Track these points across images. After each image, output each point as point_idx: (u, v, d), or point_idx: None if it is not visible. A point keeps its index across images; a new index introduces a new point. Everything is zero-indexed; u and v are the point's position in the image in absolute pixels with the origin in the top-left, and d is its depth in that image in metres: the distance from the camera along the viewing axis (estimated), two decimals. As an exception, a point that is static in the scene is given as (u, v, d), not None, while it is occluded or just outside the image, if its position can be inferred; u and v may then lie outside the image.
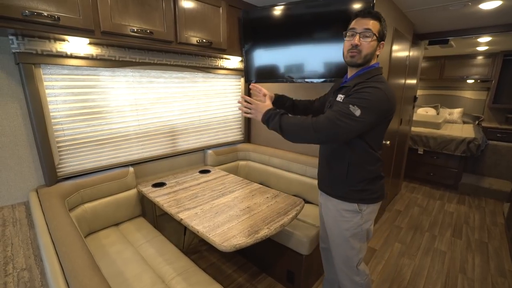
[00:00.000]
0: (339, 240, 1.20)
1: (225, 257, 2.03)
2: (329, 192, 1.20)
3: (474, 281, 1.88)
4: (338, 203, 1.16)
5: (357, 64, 1.05)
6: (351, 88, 1.02)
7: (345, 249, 1.20)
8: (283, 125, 1.00)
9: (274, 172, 2.16)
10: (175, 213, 1.33)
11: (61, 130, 1.42)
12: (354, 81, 1.05)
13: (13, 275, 0.87)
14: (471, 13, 2.17)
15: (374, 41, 1.00)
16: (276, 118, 1.02)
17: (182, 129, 1.99)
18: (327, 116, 0.97)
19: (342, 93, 1.07)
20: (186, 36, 1.58)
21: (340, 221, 1.17)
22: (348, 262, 1.22)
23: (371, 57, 1.03)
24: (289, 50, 1.81)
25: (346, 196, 1.14)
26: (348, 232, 1.16)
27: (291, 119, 1.01)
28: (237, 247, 1.06)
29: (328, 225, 1.25)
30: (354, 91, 0.99)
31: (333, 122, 0.94)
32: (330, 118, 0.95)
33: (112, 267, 1.26)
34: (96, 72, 1.49)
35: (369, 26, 0.99)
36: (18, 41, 1.17)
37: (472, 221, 2.75)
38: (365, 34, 0.99)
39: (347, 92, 1.04)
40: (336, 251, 1.25)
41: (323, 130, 0.94)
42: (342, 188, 1.14)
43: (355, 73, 1.08)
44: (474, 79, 4.37)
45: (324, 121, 0.95)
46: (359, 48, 1.01)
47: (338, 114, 0.94)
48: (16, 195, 1.36)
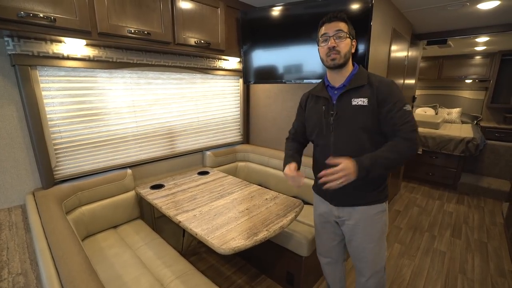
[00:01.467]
0: (370, 245, 1.17)
1: (224, 259, 2.02)
2: (359, 202, 1.14)
3: (474, 281, 1.88)
4: (368, 209, 1.13)
5: (339, 65, 1.06)
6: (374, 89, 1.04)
7: (376, 251, 1.18)
8: (387, 164, 0.99)
9: (274, 173, 2.16)
10: (173, 215, 1.32)
11: (58, 132, 1.40)
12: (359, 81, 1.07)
13: (8, 280, 0.86)
14: (469, 13, 2.17)
15: (347, 40, 1.05)
16: (376, 164, 0.98)
17: (181, 131, 1.98)
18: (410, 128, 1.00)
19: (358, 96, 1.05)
20: (184, 37, 1.57)
21: (371, 226, 1.15)
22: (380, 262, 1.21)
23: (349, 55, 1.07)
24: (287, 50, 1.81)
25: (378, 199, 1.13)
26: (379, 234, 1.16)
27: (387, 154, 0.99)
28: (236, 250, 1.05)
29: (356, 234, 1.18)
30: (387, 93, 1.02)
31: (416, 126, 1.02)
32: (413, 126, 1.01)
33: (110, 271, 1.25)
34: (93, 73, 1.48)
35: (340, 27, 1.04)
36: (14, 42, 1.16)
37: (471, 221, 2.75)
38: (338, 35, 1.04)
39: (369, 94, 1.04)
40: (365, 257, 1.20)
41: (417, 138, 1.01)
42: (373, 192, 1.12)
43: (350, 74, 1.10)
44: (472, 79, 4.38)
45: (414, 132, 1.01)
46: (337, 49, 1.04)
47: (411, 120, 1.01)
48: (12, 198, 1.34)
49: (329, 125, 1.12)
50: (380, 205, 1.14)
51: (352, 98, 1.06)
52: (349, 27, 1.06)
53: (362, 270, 1.24)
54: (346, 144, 1.10)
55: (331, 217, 1.24)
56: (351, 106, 1.06)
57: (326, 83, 1.16)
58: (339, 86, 1.11)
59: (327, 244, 1.34)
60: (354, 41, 1.08)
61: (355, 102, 1.06)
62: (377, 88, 1.03)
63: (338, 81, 1.11)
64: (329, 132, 1.12)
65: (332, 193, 1.12)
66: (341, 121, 1.09)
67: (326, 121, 1.13)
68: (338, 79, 1.11)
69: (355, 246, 1.21)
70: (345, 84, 1.10)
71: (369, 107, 1.04)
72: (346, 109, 1.08)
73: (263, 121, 2.36)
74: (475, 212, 2.93)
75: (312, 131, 1.21)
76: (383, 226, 1.17)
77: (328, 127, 1.12)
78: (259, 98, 2.35)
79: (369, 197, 1.13)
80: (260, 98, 2.34)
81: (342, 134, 1.10)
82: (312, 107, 1.22)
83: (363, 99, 1.04)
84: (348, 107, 1.07)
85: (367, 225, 1.15)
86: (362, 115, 1.05)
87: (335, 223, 1.26)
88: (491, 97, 4.13)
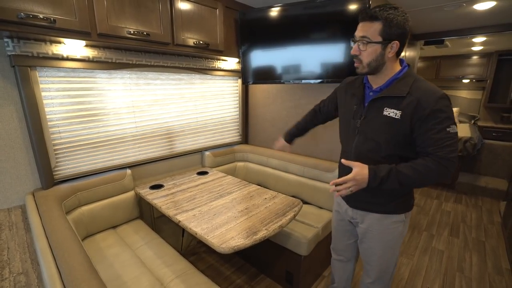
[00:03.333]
0: (380, 251, 1.15)
1: (224, 259, 2.03)
2: (374, 209, 1.10)
3: (472, 279, 1.89)
4: (382, 217, 1.09)
5: (362, 73, 1.00)
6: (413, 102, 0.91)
7: (386, 258, 1.16)
8: (404, 181, 0.93)
9: (272, 173, 2.17)
10: (173, 215, 1.33)
11: (58, 132, 1.41)
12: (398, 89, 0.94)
13: (9, 280, 0.86)
14: (466, 13, 2.19)
15: (374, 47, 0.93)
16: (391, 177, 0.93)
17: (180, 131, 1.98)
18: (448, 153, 0.90)
19: (391, 106, 0.95)
20: (183, 38, 1.58)
21: (384, 234, 1.11)
22: (388, 269, 1.19)
23: (377, 63, 0.95)
24: (286, 51, 1.82)
25: (395, 209, 1.08)
26: (392, 242, 1.12)
27: (409, 171, 0.92)
28: (236, 248, 1.06)
29: (368, 238, 1.16)
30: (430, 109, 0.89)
31: (455, 153, 0.91)
32: (452, 152, 0.90)
33: (110, 270, 1.25)
34: (93, 74, 1.49)
35: (365, 33, 0.93)
36: (14, 43, 1.16)
37: (469, 220, 2.77)
38: (362, 41, 0.93)
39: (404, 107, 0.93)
40: (374, 261, 1.18)
41: (454, 167, 0.92)
42: (390, 202, 1.07)
43: (392, 77, 0.98)
44: (469, 78, 4.41)
45: (452, 159, 0.90)
46: (359, 57, 0.96)
47: (452, 145, 0.90)
48: (12, 198, 1.35)
49: (355, 128, 1.07)
50: (396, 215, 1.08)
51: (385, 107, 0.97)
52: (383, 27, 0.89)
53: (369, 271, 1.23)
54: (366, 151, 1.05)
55: (346, 217, 1.24)
56: (381, 115, 0.97)
57: (364, 81, 1.08)
58: (376, 88, 1.02)
59: (341, 241, 1.35)
60: (395, 42, 0.91)
61: (386, 112, 0.96)
62: (418, 102, 0.90)
63: (376, 82, 1.02)
64: (354, 134, 1.08)
65: (348, 196, 1.09)
66: (366, 127, 1.03)
67: (353, 123, 1.08)
68: (376, 81, 1.02)
69: (365, 248, 1.20)
70: (382, 88, 1.00)
71: (400, 122, 0.93)
72: (376, 116, 1.00)
73: (262, 121, 2.37)
74: (473, 211, 2.95)
75: (341, 125, 1.21)
76: (397, 236, 1.11)
77: (354, 129, 1.08)
78: (258, 99, 2.36)
79: (385, 206, 1.08)
80: (259, 99, 2.35)
81: (365, 140, 1.04)
82: (345, 102, 1.17)
83: (396, 112, 0.94)
84: (378, 114, 0.99)
85: (379, 232, 1.12)
86: (390, 128, 0.96)
87: (349, 223, 1.25)
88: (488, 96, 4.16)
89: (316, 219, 1.75)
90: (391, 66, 0.97)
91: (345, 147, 1.17)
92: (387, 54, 0.93)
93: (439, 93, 0.90)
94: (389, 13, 0.89)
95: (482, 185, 3.33)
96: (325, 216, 1.79)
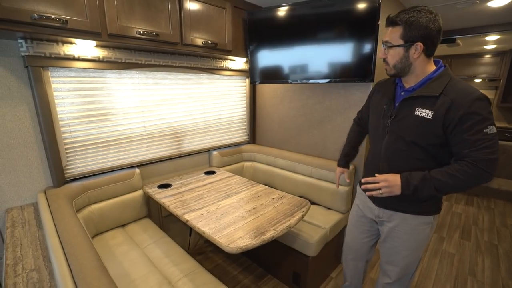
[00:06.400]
0: (404, 252, 1.12)
1: (231, 259, 2.03)
2: (402, 209, 1.08)
3: (484, 284, 1.84)
4: (409, 217, 1.07)
5: (391, 75, 1.04)
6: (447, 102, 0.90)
7: (410, 259, 1.13)
8: (440, 188, 0.92)
9: (280, 173, 2.16)
10: (181, 214, 1.33)
11: (69, 132, 1.43)
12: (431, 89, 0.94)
13: (22, 276, 0.88)
14: (479, 10, 2.14)
15: (397, 50, 0.96)
16: (426, 185, 0.93)
17: (187, 130, 1.99)
18: (486, 155, 0.87)
19: (423, 106, 0.95)
20: (191, 38, 1.58)
21: (411, 234, 1.09)
22: (410, 271, 1.17)
23: (403, 65, 0.97)
24: (293, 50, 1.81)
25: (424, 210, 1.05)
26: (417, 244, 1.10)
27: (445, 177, 0.90)
28: (243, 248, 1.05)
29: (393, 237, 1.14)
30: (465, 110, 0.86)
31: (495, 154, 0.87)
32: (491, 154, 0.87)
33: (119, 268, 1.27)
34: (103, 74, 1.51)
35: (388, 37, 0.98)
36: (27, 44, 1.19)
37: (481, 222, 2.70)
38: (386, 45, 0.99)
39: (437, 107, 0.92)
40: (397, 261, 1.16)
41: (495, 169, 0.88)
42: (420, 202, 1.04)
43: (427, 77, 0.98)
44: (482, 78, 4.30)
45: (492, 160, 0.87)
46: (386, 60, 1.01)
47: (491, 146, 0.86)
48: (25, 196, 1.38)
49: (385, 127, 1.07)
50: (425, 217, 1.06)
51: (417, 107, 0.96)
52: (403, 30, 0.93)
53: (388, 272, 1.20)
54: (395, 152, 1.04)
55: (370, 215, 1.21)
56: (413, 115, 0.97)
57: (397, 81, 1.10)
58: (408, 88, 1.03)
59: (356, 239, 1.32)
60: (419, 44, 0.92)
61: (418, 112, 0.96)
62: (452, 102, 0.88)
63: (408, 82, 1.03)
64: (384, 133, 1.07)
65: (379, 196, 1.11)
66: (396, 127, 1.03)
67: (383, 122, 1.08)
68: (408, 81, 1.02)
69: (388, 248, 1.17)
70: (415, 87, 1.00)
71: (433, 122, 0.92)
72: (407, 116, 0.99)
73: (270, 121, 2.36)
74: (485, 214, 2.87)
75: (370, 126, 1.20)
76: (423, 238, 1.09)
77: (384, 129, 1.07)
78: (266, 98, 2.35)
79: (413, 207, 1.06)
80: (267, 98, 2.34)
81: (394, 140, 1.04)
82: (376, 102, 1.17)
83: (428, 112, 0.93)
84: (409, 114, 0.98)
85: (406, 233, 1.10)
86: (421, 128, 0.95)
87: (372, 221, 1.23)
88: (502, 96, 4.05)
89: (323, 219, 1.73)
90: (422, 67, 0.97)
91: (373, 148, 1.16)
92: (411, 56, 0.95)
93: (475, 94, 0.87)
94: (411, 15, 0.91)
95: (495, 187, 3.25)
96: (333, 217, 1.77)
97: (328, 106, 1.92)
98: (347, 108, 1.81)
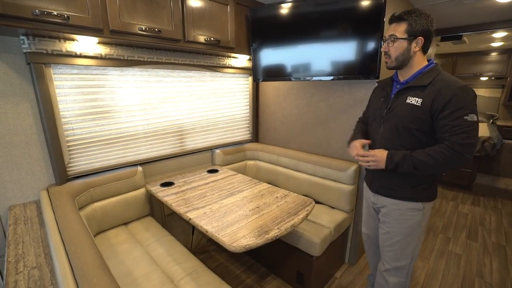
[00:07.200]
0: (396, 238, 1.21)
1: (233, 258, 2.01)
2: (392, 195, 1.19)
3: (492, 285, 1.81)
4: (402, 203, 1.17)
5: (391, 67, 1.13)
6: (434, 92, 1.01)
7: (401, 246, 1.21)
8: (418, 166, 1.03)
9: (283, 172, 2.13)
10: (183, 212, 1.32)
11: (71, 129, 1.42)
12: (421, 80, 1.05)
13: (24, 273, 0.87)
14: (487, 6, 2.09)
15: (401, 43, 1.06)
16: (406, 162, 1.04)
17: (190, 129, 1.98)
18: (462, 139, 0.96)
19: (414, 95, 1.06)
20: (194, 35, 1.57)
21: (401, 220, 1.18)
22: (403, 259, 1.23)
23: (404, 57, 1.08)
24: (297, 48, 1.79)
25: (412, 196, 1.14)
26: (408, 230, 1.18)
27: (423, 156, 1.02)
28: (247, 247, 1.03)
29: (386, 222, 1.24)
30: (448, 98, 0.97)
31: (472, 139, 0.96)
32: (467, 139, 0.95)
33: (121, 267, 1.26)
34: (105, 71, 1.50)
35: (393, 31, 1.08)
36: (29, 41, 1.18)
37: (488, 223, 2.65)
38: (390, 39, 1.09)
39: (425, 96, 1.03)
40: (389, 247, 1.25)
41: (470, 153, 0.97)
42: (408, 189, 1.14)
43: (418, 71, 1.09)
44: (488, 76, 4.24)
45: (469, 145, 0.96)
46: (388, 53, 1.11)
47: (468, 132, 0.95)
48: (27, 193, 1.37)
49: (381, 117, 1.18)
50: (414, 203, 1.15)
51: (408, 96, 1.08)
52: (408, 26, 1.04)
53: (383, 258, 1.30)
54: (389, 139, 1.15)
55: (371, 204, 1.33)
56: (404, 103, 1.09)
57: (394, 77, 1.21)
58: (402, 81, 1.15)
59: (370, 228, 1.42)
60: (420, 38, 1.04)
61: (409, 100, 1.08)
62: (438, 91, 1.00)
63: (403, 76, 1.14)
64: (380, 123, 1.19)
65: (371, 180, 1.29)
66: (391, 116, 1.14)
67: (380, 113, 1.20)
68: (404, 74, 1.14)
69: (383, 233, 1.27)
70: (408, 80, 1.12)
71: (421, 108, 1.03)
72: (400, 105, 1.11)
73: (273, 119, 2.34)
74: (492, 214, 2.82)
75: (370, 119, 1.31)
76: (414, 225, 1.17)
77: (380, 119, 1.19)
78: (269, 96, 2.33)
79: (402, 192, 1.16)
80: (270, 96, 2.32)
81: (389, 128, 1.14)
82: (374, 97, 1.30)
83: (418, 99, 1.05)
84: (402, 103, 1.10)
85: (395, 218, 1.19)
86: (411, 114, 1.06)
87: (373, 210, 1.34)
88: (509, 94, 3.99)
89: (328, 219, 1.71)
90: (418, 61, 1.09)
91: (372, 137, 1.27)
92: (413, 49, 1.06)
93: (459, 84, 0.98)
94: (415, 14, 1.04)
95: (502, 187, 3.19)
96: (337, 216, 1.75)
97: (332, 104, 1.90)
98: (352, 106, 1.79)
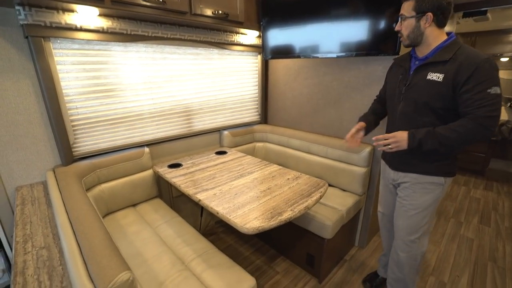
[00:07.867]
0: (412, 211, 1.20)
1: (243, 239, 2.01)
2: (414, 170, 1.16)
3: (506, 270, 1.77)
4: (423, 177, 1.15)
5: (407, 45, 1.10)
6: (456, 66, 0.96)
7: (416, 219, 1.19)
8: (443, 142, 1.00)
9: (293, 154, 2.07)
10: (193, 193, 1.28)
11: (75, 108, 1.37)
12: (441, 55, 1.01)
13: (32, 253, 0.85)
14: (519, -25, 1.91)
15: (409, 21, 1.04)
16: (430, 138, 1.01)
17: (197, 109, 1.91)
18: (486, 112, 0.93)
19: (435, 71, 1.02)
20: (201, 7, 1.46)
21: (421, 193, 1.16)
22: (415, 232, 1.22)
23: (415, 34, 1.05)
24: (309, 24, 1.67)
25: (435, 171, 1.12)
26: (425, 204, 1.17)
27: (447, 132, 0.99)
28: (260, 229, 1.00)
29: (405, 196, 1.22)
30: (471, 72, 0.93)
31: (496, 112, 0.93)
32: (491, 112, 0.93)
33: (130, 248, 1.24)
34: (108, 47, 1.41)
35: (402, 10, 1.06)
36: (25, 11, 1.10)
37: (502, 208, 2.59)
38: (401, 18, 1.07)
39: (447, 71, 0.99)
40: (403, 219, 1.23)
41: (494, 125, 0.94)
42: (430, 164, 1.12)
43: (438, 46, 1.04)
44: (509, 56, 4.00)
45: (490, 119, 0.93)
46: (401, 32, 1.09)
47: (492, 105, 0.92)
48: (34, 174, 1.34)
49: (400, 95, 1.14)
50: (436, 177, 1.13)
51: (429, 72, 1.04)
52: (415, 3, 1.01)
53: (396, 231, 1.29)
54: (409, 116, 1.11)
55: (390, 180, 1.30)
56: (425, 79, 1.05)
57: (411, 53, 1.16)
58: (421, 57, 1.09)
59: (386, 207, 1.41)
60: (429, 14, 0.99)
61: (429, 77, 1.03)
62: (460, 65, 0.96)
63: (422, 52, 1.09)
64: (399, 101, 1.15)
65: (391, 158, 1.25)
66: (410, 93, 1.10)
67: (398, 90, 1.16)
68: (422, 51, 1.09)
69: (399, 207, 1.25)
70: (428, 56, 1.07)
71: (443, 84, 0.99)
72: (419, 82, 1.07)
73: (283, 99, 2.25)
74: (505, 199, 2.75)
75: (387, 97, 1.27)
76: (432, 199, 1.16)
77: (399, 96, 1.15)
78: (279, 76, 2.23)
79: (425, 167, 1.13)
80: (280, 76, 2.22)
81: (408, 105, 1.11)
82: (392, 75, 1.25)
83: (439, 75, 1.01)
84: (422, 80, 1.06)
85: (417, 191, 1.17)
86: (432, 91, 1.02)
87: (392, 187, 1.31)
88: (530, 76, 3.78)
89: (340, 201, 1.67)
90: (433, 36, 1.04)
91: (390, 117, 1.25)
92: (422, 26, 1.03)
93: (482, 57, 0.94)
94: None
95: (517, 172, 3.10)
96: (349, 199, 1.70)
97: (346, 83, 1.80)
98: (368, 84, 1.68)
